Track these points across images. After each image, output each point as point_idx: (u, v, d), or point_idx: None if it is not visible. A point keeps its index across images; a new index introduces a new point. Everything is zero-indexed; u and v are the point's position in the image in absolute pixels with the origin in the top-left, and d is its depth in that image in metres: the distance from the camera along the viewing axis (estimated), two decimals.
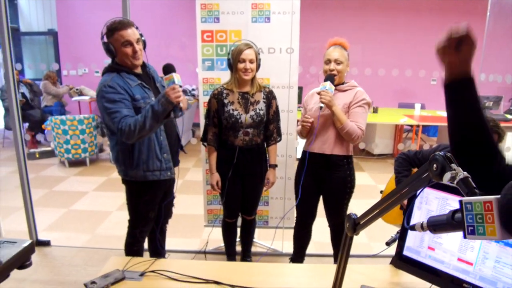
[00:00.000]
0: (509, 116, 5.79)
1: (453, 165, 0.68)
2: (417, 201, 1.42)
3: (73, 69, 7.23)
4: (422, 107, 6.46)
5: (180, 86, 1.81)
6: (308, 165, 2.36)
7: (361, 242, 3.29)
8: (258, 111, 2.32)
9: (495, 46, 3.36)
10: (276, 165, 2.47)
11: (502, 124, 5.66)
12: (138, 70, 2.04)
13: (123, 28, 1.88)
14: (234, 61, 2.24)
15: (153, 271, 1.52)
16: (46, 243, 3.15)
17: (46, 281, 2.63)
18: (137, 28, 1.98)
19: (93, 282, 1.40)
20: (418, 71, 3.89)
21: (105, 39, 1.92)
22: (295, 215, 3.07)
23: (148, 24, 2.02)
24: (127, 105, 1.88)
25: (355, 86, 2.32)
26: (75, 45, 7.41)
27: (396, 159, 2.35)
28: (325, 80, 2.20)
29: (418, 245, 1.41)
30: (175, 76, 1.81)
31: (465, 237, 0.59)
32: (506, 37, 5.87)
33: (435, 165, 0.70)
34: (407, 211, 1.44)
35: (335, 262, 2.62)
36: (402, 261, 1.45)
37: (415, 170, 2.33)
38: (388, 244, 1.56)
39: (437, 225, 0.68)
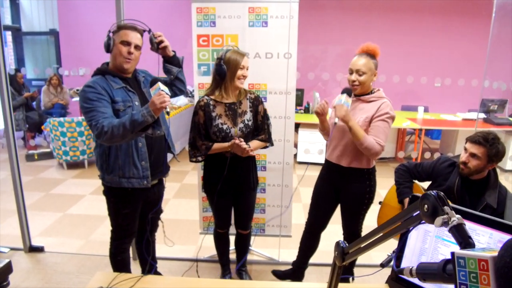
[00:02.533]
0: None
1: (446, 208, 0.61)
2: None
3: (75, 69, 7.19)
4: (426, 110, 6.37)
5: (168, 94, 1.77)
6: (328, 173, 2.32)
7: None
8: (246, 122, 2.24)
9: (500, 51, 3.27)
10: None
11: (506, 129, 5.54)
12: (127, 75, 2.00)
13: (130, 29, 1.92)
14: (233, 69, 2.12)
15: None
16: (40, 249, 3.10)
17: None
18: (150, 42, 2.03)
19: None
20: (422, 73, 3.80)
21: (111, 34, 1.93)
22: (292, 222, 3.02)
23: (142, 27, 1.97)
24: (105, 105, 1.84)
25: (381, 97, 2.16)
26: (76, 45, 7.37)
27: (396, 171, 2.28)
28: (342, 93, 2.09)
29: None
30: (161, 85, 1.78)
31: None
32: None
33: (426, 206, 0.63)
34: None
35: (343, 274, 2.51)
36: (398, 283, 1.39)
37: (416, 181, 2.26)
38: (383, 265, 1.49)
39: (427, 274, 0.61)
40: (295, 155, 5.31)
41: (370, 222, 2.42)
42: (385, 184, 4.65)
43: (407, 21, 7.02)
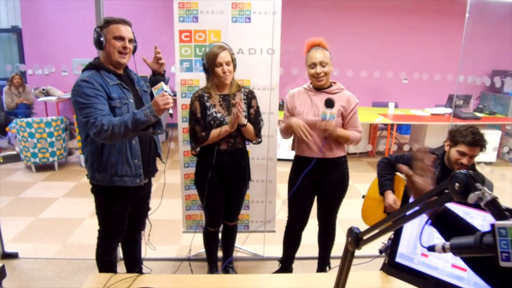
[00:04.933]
0: (478, 114, 5.98)
1: (478, 185, 0.64)
2: None
3: (40, 68, 6.88)
4: (395, 106, 6.58)
5: (170, 95, 1.76)
6: (304, 169, 2.29)
7: None
8: None
9: (473, 48, 3.43)
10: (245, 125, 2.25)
11: (473, 123, 5.84)
12: (120, 71, 1.96)
13: (121, 23, 1.87)
14: (210, 66, 2.20)
15: None
16: (14, 256, 2.95)
17: None
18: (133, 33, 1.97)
19: None
20: (391, 70, 3.93)
21: (98, 29, 1.86)
22: (276, 218, 3.03)
23: None
24: (102, 102, 1.79)
25: (342, 88, 2.31)
26: (41, 43, 7.06)
27: (379, 164, 2.35)
28: (326, 106, 2.13)
29: (411, 251, 1.39)
30: (164, 85, 1.79)
31: (498, 263, 0.55)
32: (484, 39, 6.05)
33: (457, 184, 0.65)
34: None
35: (320, 265, 2.59)
36: (394, 268, 1.43)
37: (398, 173, 2.34)
38: (381, 252, 1.55)
39: (462, 247, 0.64)
40: None
41: (354, 215, 2.48)
42: (360, 178, 4.78)
43: (382, 19, 7.23)
